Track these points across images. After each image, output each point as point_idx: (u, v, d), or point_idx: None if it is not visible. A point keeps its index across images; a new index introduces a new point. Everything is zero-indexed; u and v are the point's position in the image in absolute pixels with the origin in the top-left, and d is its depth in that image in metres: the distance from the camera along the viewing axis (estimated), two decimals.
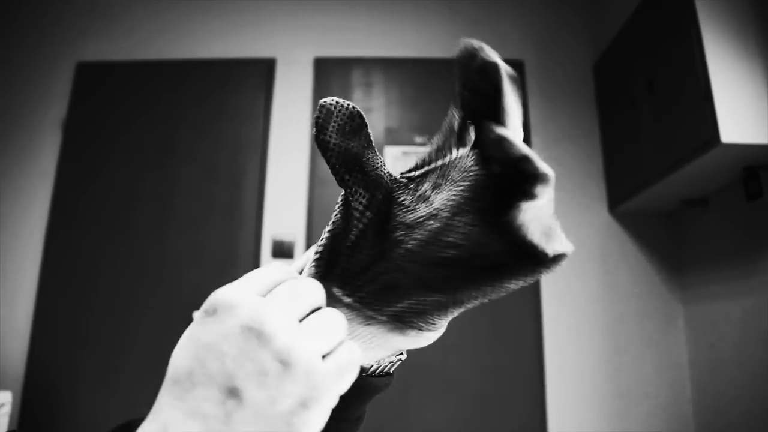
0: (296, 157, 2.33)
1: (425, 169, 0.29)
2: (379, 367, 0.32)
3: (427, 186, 0.28)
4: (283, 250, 2.21)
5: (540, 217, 0.26)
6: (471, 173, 0.27)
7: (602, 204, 2.28)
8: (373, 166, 0.28)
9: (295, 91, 2.42)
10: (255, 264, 2.19)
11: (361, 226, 0.28)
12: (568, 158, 2.33)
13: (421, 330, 0.29)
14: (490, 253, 0.26)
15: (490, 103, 0.27)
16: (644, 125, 1.92)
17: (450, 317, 0.29)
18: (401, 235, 0.27)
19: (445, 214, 0.27)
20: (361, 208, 0.28)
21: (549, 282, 2.19)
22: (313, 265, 0.29)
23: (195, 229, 2.24)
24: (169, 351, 0.24)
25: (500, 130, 0.26)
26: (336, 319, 0.26)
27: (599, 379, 2.10)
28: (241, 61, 2.45)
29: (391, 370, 0.33)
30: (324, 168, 2.31)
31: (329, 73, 2.43)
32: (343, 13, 2.54)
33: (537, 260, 0.26)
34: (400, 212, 0.28)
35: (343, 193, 0.29)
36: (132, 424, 0.41)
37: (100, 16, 2.55)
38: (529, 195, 0.25)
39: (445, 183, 0.28)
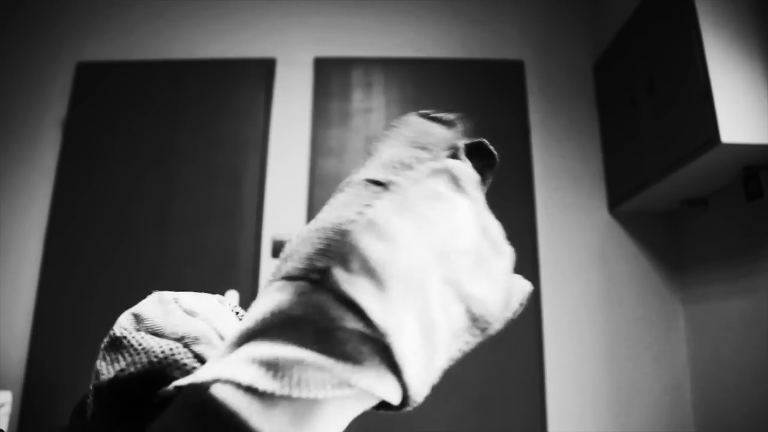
0: (296, 156, 2.33)
1: None
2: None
3: None
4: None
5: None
6: None
7: (602, 204, 2.28)
8: None
9: (295, 91, 2.42)
10: (255, 264, 2.19)
11: None
12: (568, 158, 2.33)
13: None
14: None
15: None
16: (644, 125, 1.92)
17: None
18: None
19: None
20: None
21: (549, 282, 2.19)
22: None
23: (195, 229, 2.24)
24: None
25: None
26: None
27: (599, 379, 2.10)
28: (241, 61, 2.45)
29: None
30: (324, 168, 2.31)
31: (329, 73, 2.43)
32: (343, 13, 2.54)
33: None
34: None
35: None
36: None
37: (99, 16, 2.55)
38: None
39: None
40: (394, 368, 0.20)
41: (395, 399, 0.21)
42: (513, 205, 2.25)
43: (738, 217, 1.81)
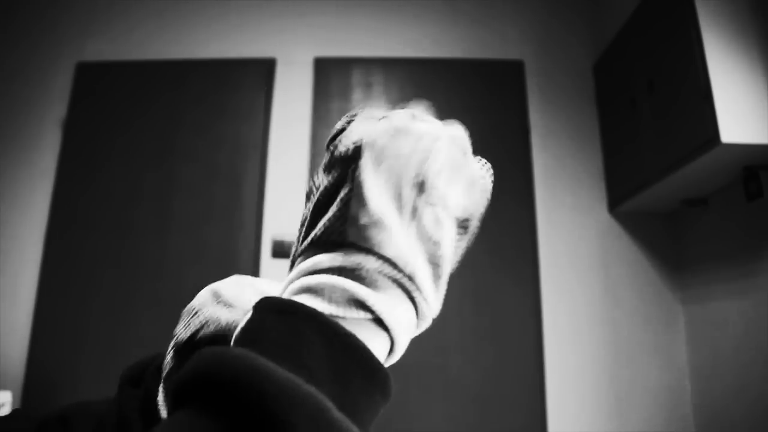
0: (296, 157, 2.33)
1: None
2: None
3: None
4: (283, 250, 2.21)
5: None
6: None
7: (602, 204, 2.28)
8: None
9: (295, 91, 2.42)
10: (255, 264, 2.19)
11: None
12: (568, 158, 2.33)
13: None
14: None
15: None
16: (644, 125, 1.92)
17: None
18: None
19: None
20: None
21: (549, 282, 2.19)
22: None
23: (195, 229, 2.24)
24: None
25: None
26: None
27: (599, 379, 2.10)
28: (241, 61, 2.45)
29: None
30: None
31: (329, 73, 2.43)
32: (343, 13, 2.54)
33: None
34: None
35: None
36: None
37: (100, 16, 2.55)
38: None
39: None
40: (410, 293, 0.26)
41: (412, 320, 0.26)
42: (513, 205, 2.25)
43: (738, 217, 1.81)
